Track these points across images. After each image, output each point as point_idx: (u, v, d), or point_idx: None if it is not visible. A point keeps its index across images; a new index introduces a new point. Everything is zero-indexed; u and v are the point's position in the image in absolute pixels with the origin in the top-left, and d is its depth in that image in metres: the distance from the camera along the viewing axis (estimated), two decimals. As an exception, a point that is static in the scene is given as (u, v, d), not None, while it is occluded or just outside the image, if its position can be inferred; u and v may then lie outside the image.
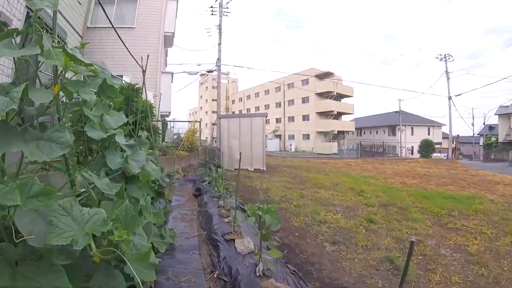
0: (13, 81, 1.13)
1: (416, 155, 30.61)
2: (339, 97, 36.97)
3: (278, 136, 40.61)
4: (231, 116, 13.11)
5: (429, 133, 39.50)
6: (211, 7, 19.27)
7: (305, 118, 38.02)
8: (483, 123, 39.94)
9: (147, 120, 4.36)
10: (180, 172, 8.35)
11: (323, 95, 36.20)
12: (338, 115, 37.05)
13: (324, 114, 36.07)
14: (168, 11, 11.58)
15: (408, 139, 37.26)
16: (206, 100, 57.23)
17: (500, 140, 26.41)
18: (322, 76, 36.40)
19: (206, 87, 57.07)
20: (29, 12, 3.92)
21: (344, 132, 37.15)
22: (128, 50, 4.78)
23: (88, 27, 9.68)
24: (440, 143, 34.59)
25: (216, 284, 2.28)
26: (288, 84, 39.09)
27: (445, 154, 29.61)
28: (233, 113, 48.65)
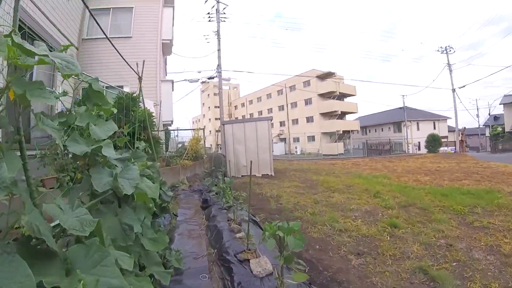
0: None
1: (423, 150, 30.12)
2: (341, 96, 36.66)
3: (283, 140, 40.25)
4: (235, 122, 12.81)
5: (434, 127, 38.94)
6: (208, 14, 19.21)
7: (309, 119, 37.71)
8: (488, 113, 39.05)
9: (147, 130, 4.06)
10: (185, 183, 8.09)
11: (325, 96, 35.88)
12: (342, 115, 36.64)
13: (328, 115, 35.73)
14: (164, 19, 11.40)
15: (414, 134, 36.78)
16: (209, 107, 57.21)
17: (507, 130, 25.70)
18: (323, 76, 36.17)
19: (208, 94, 57.13)
20: None
21: (349, 132, 36.69)
22: (123, 58, 4.52)
23: (84, 39, 9.47)
24: (446, 137, 34.02)
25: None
26: (290, 86, 38.81)
27: (452, 147, 29.14)
28: (236, 118, 48.39)
